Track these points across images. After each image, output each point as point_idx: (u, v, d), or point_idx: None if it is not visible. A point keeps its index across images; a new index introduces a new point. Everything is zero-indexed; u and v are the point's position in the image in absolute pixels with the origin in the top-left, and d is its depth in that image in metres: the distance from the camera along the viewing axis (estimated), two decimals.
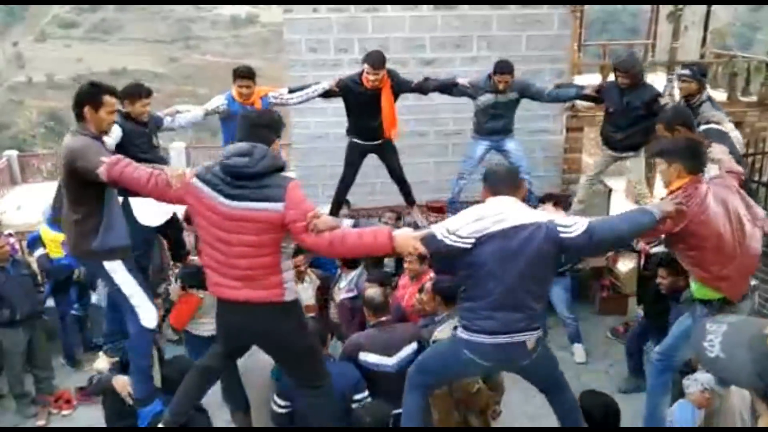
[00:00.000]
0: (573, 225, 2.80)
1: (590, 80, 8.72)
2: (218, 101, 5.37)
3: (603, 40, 15.86)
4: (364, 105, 5.51)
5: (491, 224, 2.77)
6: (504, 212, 2.82)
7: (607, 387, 4.94)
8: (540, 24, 7.09)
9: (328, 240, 2.78)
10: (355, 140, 5.77)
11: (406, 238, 2.80)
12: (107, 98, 3.31)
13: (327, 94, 5.59)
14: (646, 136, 5.42)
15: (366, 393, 3.51)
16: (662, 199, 3.34)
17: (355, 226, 3.02)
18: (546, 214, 3.02)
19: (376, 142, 5.73)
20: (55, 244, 5.99)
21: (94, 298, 6.10)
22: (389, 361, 3.62)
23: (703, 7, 10.52)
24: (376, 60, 5.33)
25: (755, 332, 0.88)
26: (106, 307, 4.25)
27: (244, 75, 5.33)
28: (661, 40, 10.64)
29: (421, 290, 4.01)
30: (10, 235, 6.13)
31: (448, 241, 2.79)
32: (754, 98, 8.90)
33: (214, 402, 3.98)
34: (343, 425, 3.50)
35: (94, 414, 5.46)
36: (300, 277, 5.16)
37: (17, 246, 6.37)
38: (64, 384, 5.77)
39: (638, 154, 5.75)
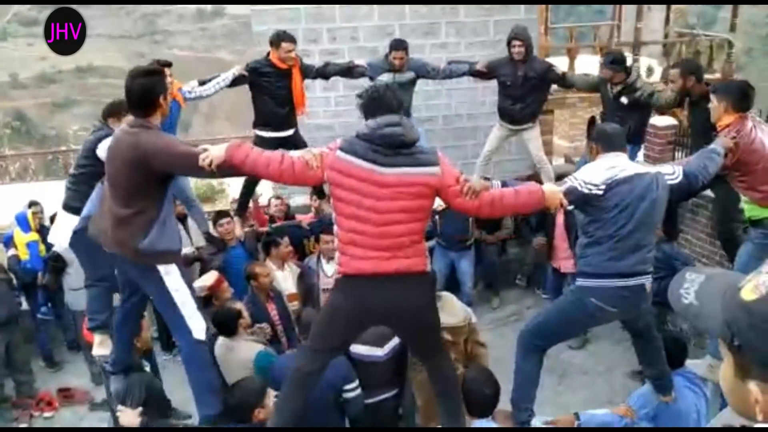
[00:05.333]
0: (675, 172, 3.25)
1: (558, 63, 8.83)
2: None
3: (570, 22, 15.97)
4: (274, 89, 5.48)
5: (618, 172, 3.11)
6: (626, 164, 3.19)
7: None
8: (507, 9, 7.15)
9: (489, 200, 2.89)
10: (264, 133, 5.65)
11: (554, 192, 3.00)
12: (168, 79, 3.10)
13: (237, 81, 5.49)
14: (541, 105, 6.09)
15: (356, 383, 3.52)
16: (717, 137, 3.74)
17: (503, 185, 3.10)
18: (652, 166, 3.40)
19: (285, 134, 5.65)
20: (23, 246, 5.96)
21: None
22: (380, 352, 3.66)
23: None
24: (290, 36, 5.44)
25: (730, 284, 0.93)
26: (90, 289, 4.06)
27: (165, 64, 5.07)
28: (626, 21, 10.77)
29: None
30: None
31: (585, 190, 3.09)
32: (717, 75, 9.08)
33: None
34: (335, 415, 3.55)
35: (76, 415, 5.47)
36: (281, 261, 5.18)
37: None
38: (44, 386, 5.74)
39: (534, 125, 6.10)
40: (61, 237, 4.17)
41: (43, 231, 6.11)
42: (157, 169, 2.93)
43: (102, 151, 3.87)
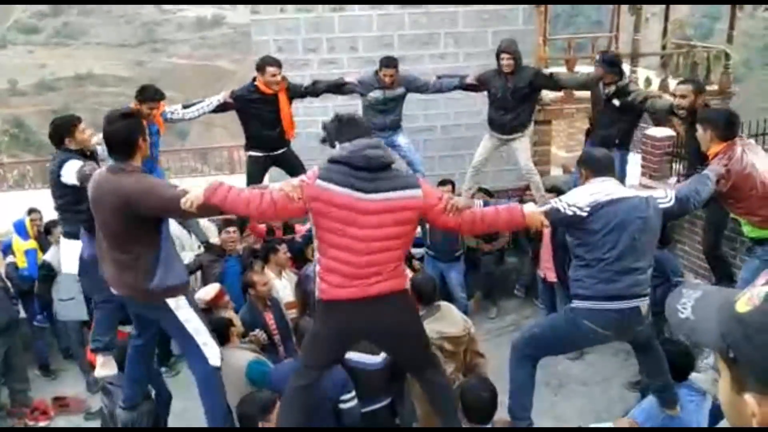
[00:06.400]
0: (667, 196, 3.26)
1: None
2: None
3: (568, 33, 16.08)
4: (262, 114, 5.51)
5: (603, 196, 3.13)
6: (612, 188, 3.20)
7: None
8: (505, 20, 7.19)
9: (471, 219, 2.94)
10: (256, 153, 5.70)
11: (535, 213, 3.03)
12: (144, 123, 3.13)
13: (222, 108, 5.53)
14: (530, 114, 6.08)
15: (353, 393, 3.50)
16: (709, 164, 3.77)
17: (485, 204, 3.12)
18: (644, 190, 3.31)
19: (277, 152, 5.70)
20: (21, 253, 5.95)
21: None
22: (376, 359, 3.64)
23: None
24: (275, 60, 5.47)
25: (726, 298, 0.94)
26: (96, 311, 4.12)
27: (156, 98, 5.15)
28: (624, 33, 10.83)
29: None
30: None
31: (569, 212, 3.12)
32: (715, 87, 9.12)
33: (195, 408, 3.95)
34: (331, 426, 3.53)
35: (71, 424, 5.43)
36: (279, 269, 5.18)
37: None
38: (39, 395, 5.70)
39: (524, 134, 6.10)
40: (71, 265, 4.24)
41: (41, 239, 6.10)
42: (142, 212, 2.95)
43: (66, 177, 3.93)
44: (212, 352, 3.23)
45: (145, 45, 46.21)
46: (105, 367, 3.93)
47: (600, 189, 3.18)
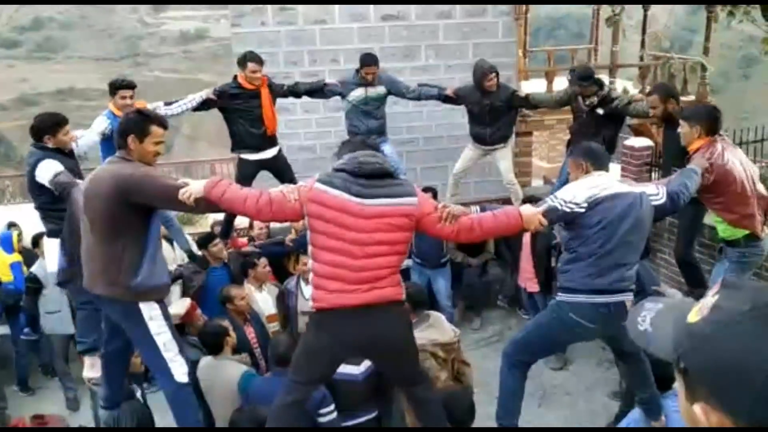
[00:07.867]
0: (659, 193, 3.32)
1: (537, 85, 8.97)
2: (103, 122, 5.14)
3: (549, 46, 16.26)
4: (245, 110, 5.51)
5: (601, 191, 3.16)
6: (609, 183, 3.25)
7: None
8: (485, 32, 7.26)
9: (469, 225, 2.93)
10: (245, 156, 5.67)
11: (532, 214, 3.02)
12: (155, 128, 3.03)
13: (205, 104, 5.54)
14: (511, 126, 6.21)
15: (332, 407, 3.47)
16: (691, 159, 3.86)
17: (482, 210, 3.11)
18: (637, 186, 3.44)
19: (267, 156, 5.68)
20: (5, 267, 5.87)
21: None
22: (356, 371, 3.62)
23: (641, 12, 10.90)
24: (256, 56, 5.50)
25: (683, 310, 0.95)
26: (78, 313, 4.08)
27: (127, 85, 5.22)
28: (603, 45, 10.98)
29: None
30: None
31: (566, 209, 3.14)
32: (692, 98, 9.25)
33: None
34: None
35: None
36: (259, 282, 5.16)
37: None
38: (18, 412, 5.60)
39: (506, 145, 6.23)
40: (56, 263, 4.14)
41: (25, 252, 6.04)
42: (136, 201, 2.92)
43: (40, 177, 3.88)
44: (179, 368, 3.17)
45: (128, 59, 45.94)
46: (92, 369, 3.88)
47: (597, 183, 3.21)
